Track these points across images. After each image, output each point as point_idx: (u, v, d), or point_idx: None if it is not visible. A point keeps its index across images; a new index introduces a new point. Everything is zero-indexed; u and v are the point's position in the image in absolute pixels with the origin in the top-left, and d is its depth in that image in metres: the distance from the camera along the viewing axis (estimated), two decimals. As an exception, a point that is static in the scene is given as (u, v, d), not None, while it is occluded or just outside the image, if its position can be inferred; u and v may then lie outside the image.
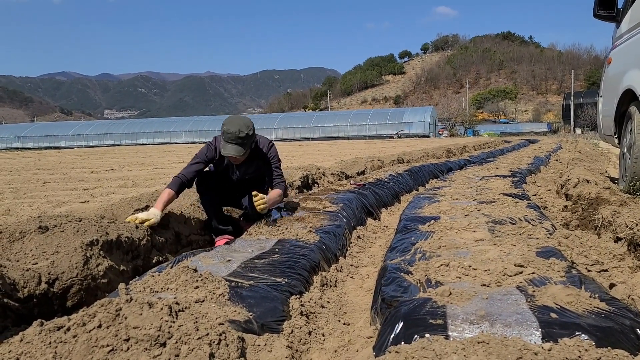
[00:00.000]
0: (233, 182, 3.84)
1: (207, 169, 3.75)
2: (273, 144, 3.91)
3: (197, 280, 2.02)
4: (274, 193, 3.72)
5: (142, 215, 3.21)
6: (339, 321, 2.18)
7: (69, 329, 1.60)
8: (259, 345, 1.68)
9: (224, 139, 3.47)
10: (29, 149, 41.66)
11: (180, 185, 3.48)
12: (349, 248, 3.44)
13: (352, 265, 3.12)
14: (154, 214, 3.24)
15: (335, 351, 1.82)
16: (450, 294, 1.70)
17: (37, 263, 2.46)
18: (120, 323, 1.58)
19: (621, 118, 4.77)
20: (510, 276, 1.91)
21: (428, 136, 42.43)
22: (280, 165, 3.91)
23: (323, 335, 1.99)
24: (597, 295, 1.65)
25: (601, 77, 5.48)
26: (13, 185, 7.31)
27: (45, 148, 41.13)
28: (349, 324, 2.15)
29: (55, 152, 25.47)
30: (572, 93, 64.29)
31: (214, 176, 3.80)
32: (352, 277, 2.93)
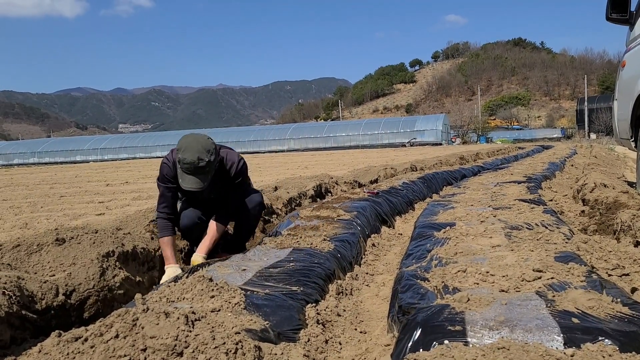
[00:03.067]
0: (201, 201, 3.39)
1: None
2: (243, 162, 3.34)
3: (212, 290, 2.02)
4: (211, 231, 3.24)
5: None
6: (356, 329, 2.16)
7: (86, 340, 1.61)
8: (276, 354, 1.67)
9: (180, 169, 2.98)
10: (46, 164, 42.26)
11: (172, 227, 3.20)
12: (364, 256, 3.42)
13: (367, 274, 3.10)
14: (177, 271, 2.96)
15: (353, 359, 1.80)
16: (469, 300, 1.68)
17: (54, 275, 2.48)
18: (137, 333, 1.58)
19: (637, 121, 4.71)
20: (529, 281, 1.88)
21: (440, 144, 42.27)
22: (244, 183, 3.41)
23: (340, 343, 1.97)
24: (619, 300, 1.61)
25: (615, 80, 5.42)
26: (30, 199, 7.41)
27: (62, 163, 41.67)
28: (365, 332, 2.13)
29: (71, 167, 25.80)
30: (586, 98, 63.68)
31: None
32: (367, 285, 2.91)
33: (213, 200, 3.37)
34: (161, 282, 2.89)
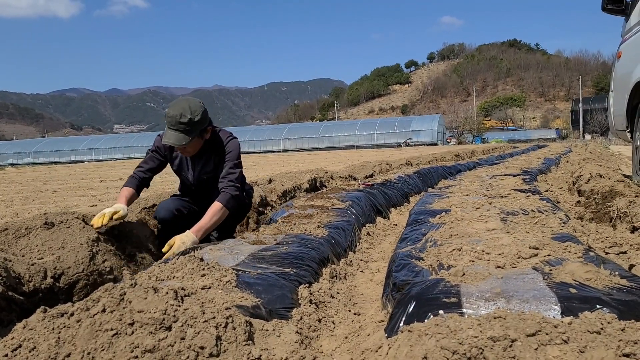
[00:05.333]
0: (190, 185, 3.29)
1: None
2: (234, 137, 3.25)
3: (203, 269, 1.98)
4: (209, 213, 2.94)
5: (108, 210, 2.85)
6: (349, 311, 2.12)
7: (72, 314, 1.57)
8: (267, 330, 1.63)
9: (166, 125, 2.97)
10: (40, 164, 42.00)
11: (137, 184, 3.18)
12: (358, 244, 3.38)
13: (361, 260, 3.06)
14: (120, 207, 2.92)
15: (346, 337, 1.76)
16: (464, 274, 1.65)
17: (42, 258, 2.43)
18: (124, 307, 1.54)
19: (633, 112, 4.69)
20: (526, 258, 1.85)
21: (436, 144, 42.29)
22: (238, 165, 3.19)
23: (333, 323, 1.93)
24: (617, 273, 1.59)
25: (611, 71, 5.41)
26: (23, 194, 7.34)
27: (56, 163, 41.42)
28: (359, 314, 2.09)
29: (66, 166, 25.65)
30: (581, 99, 63.94)
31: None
32: (362, 271, 2.87)
33: (204, 185, 3.25)
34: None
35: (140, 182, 3.20)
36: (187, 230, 2.82)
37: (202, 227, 2.86)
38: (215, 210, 2.94)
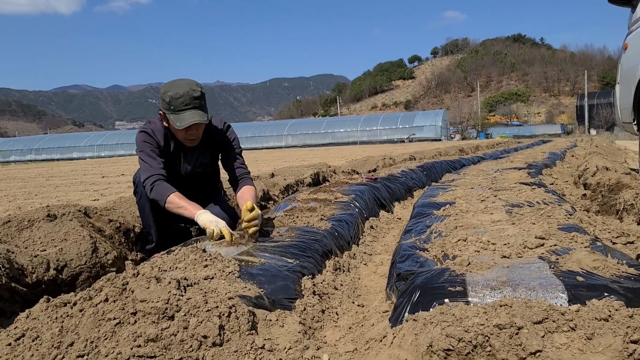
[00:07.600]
0: (181, 179, 2.93)
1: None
2: (229, 124, 3.05)
3: (206, 260, 1.97)
4: (249, 192, 2.84)
5: (222, 226, 2.49)
6: (353, 303, 2.11)
7: (75, 304, 1.56)
8: (271, 320, 1.62)
9: (174, 110, 2.57)
10: (42, 160, 42.10)
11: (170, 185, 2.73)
12: (362, 237, 3.37)
13: (365, 253, 3.05)
14: (214, 218, 2.54)
15: (350, 327, 1.75)
16: (469, 264, 1.63)
17: (45, 250, 2.43)
18: (127, 297, 1.53)
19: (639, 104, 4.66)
20: (532, 248, 1.83)
21: (440, 139, 42.18)
22: (242, 152, 3.08)
23: (337, 313, 1.92)
24: (624, 262, 1.57)
25: (617, 64, 5.36)
26: (25, 189, 7.35)
27: (58, 159, 41.51)
28: (363, 305, 2.08)
29: (68, 163, 25.72)
30: (586, 94, 63.59)
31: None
32: (365, 263, 2.86)
33: (196, 178, 3.01)
34: (206, 225, 2.48)
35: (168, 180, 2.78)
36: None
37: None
38: (253, 191, 2.88)
